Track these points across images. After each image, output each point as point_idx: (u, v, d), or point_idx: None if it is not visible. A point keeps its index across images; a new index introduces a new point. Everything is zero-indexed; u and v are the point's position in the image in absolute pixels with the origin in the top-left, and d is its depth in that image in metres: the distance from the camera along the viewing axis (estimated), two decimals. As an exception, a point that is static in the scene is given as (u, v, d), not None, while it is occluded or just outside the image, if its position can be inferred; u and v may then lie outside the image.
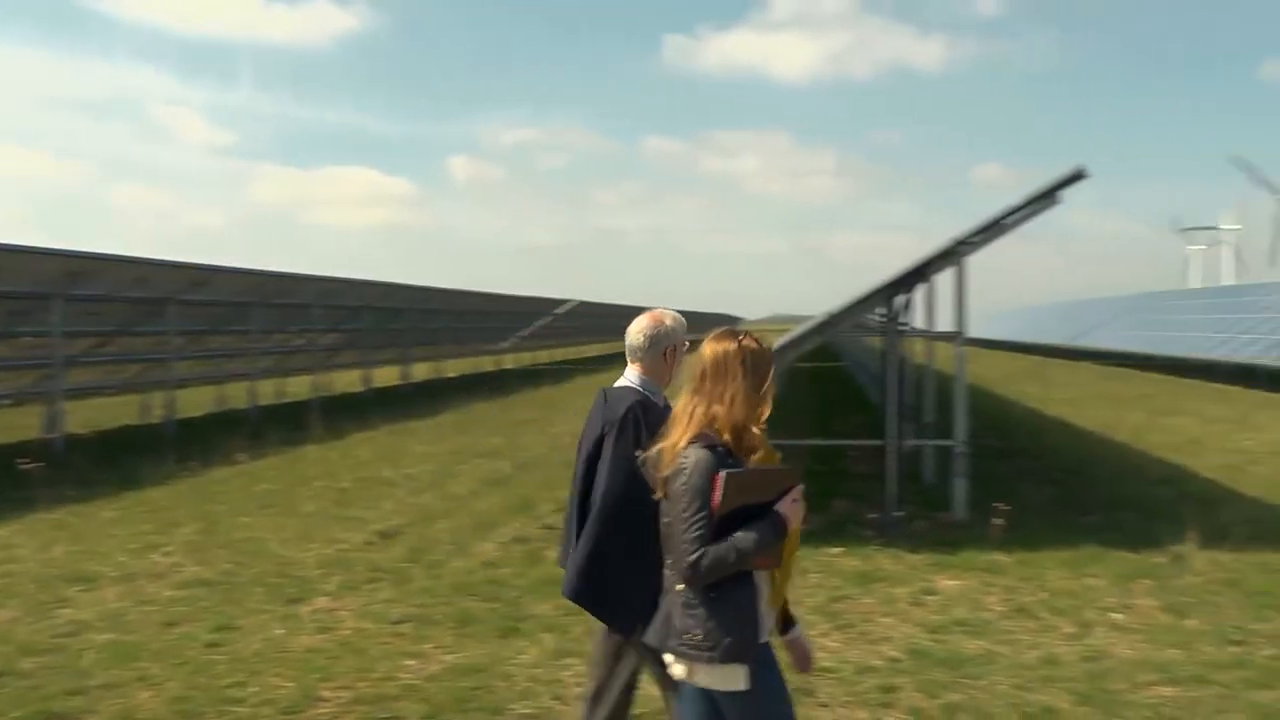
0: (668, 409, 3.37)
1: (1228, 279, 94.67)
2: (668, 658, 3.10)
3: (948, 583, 7.20)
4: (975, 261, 9.25)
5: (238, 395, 20.83)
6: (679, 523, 2.97)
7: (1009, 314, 69.73)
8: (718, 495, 2.94)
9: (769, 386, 3.14)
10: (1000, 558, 7.78)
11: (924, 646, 5.86)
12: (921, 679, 5.33)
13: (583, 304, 46.04)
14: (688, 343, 3.84)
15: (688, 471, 2.98)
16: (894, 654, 5.76)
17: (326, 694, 5.26)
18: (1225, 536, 8.05)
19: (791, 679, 5.39)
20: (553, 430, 16.65)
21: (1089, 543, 8.13)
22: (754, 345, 3.15)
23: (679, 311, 4.01)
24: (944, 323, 9.98)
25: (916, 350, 16.29)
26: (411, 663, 5.70)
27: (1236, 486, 10.89)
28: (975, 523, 8.77)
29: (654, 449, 3.11)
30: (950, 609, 6.58)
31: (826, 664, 5.55)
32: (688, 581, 2.97)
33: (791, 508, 3.07)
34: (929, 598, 6.85)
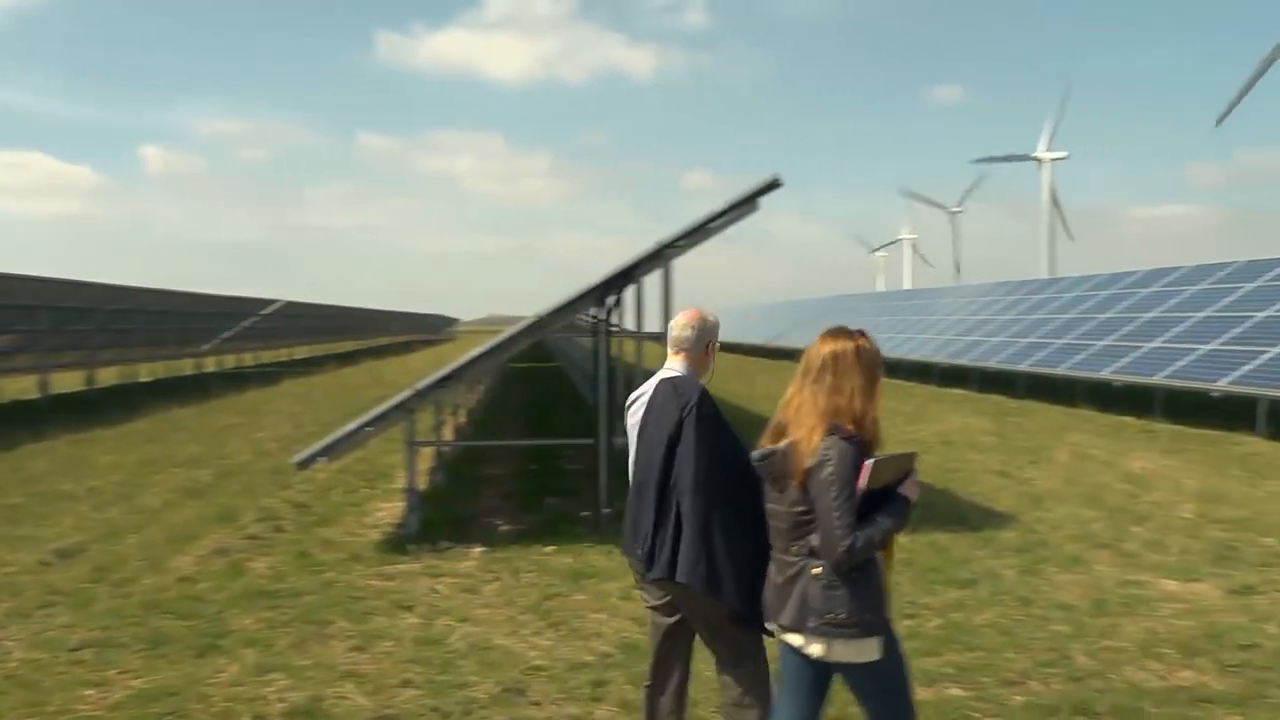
0: None
1: (907, 283, 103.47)
2: (793, 637, 3.31)
3: (656, 575, 7.43)
4: (682, 263, 9.63)
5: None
6: (828, 510, 3.18)
7: (717, 313, 72.87)
8: (863, 481, 3.19)
9: (880, 382, 3.42)
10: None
11: (635, 640, 6.00)
12: (632, 671, 5.47)
13: (291, 304, 44.11)
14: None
15: (834, 461, 3.20)
16: (606, 649, 5.88)
17: (-9, 734, 4.76)
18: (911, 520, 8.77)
19: (502, 678, 5.41)
20: (257, 435, 15.84)
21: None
22: (868, 344, 3.44)
23: (394, 312, 3.96)
24: (653, 323, 10.30)
25: (628, 350, 16.75)
26: (91, 692, 5.25)
27: (912, 474, 11.91)
28: (682, 516, 9.09)
29: (782, 442, 3.33)
30: (658, 601, 6.79)
31: (539, 662, 5.61)
32: (840, 564, 3.19)
33: (913, 489, 3.37)
34: (638, 592, 7.03)
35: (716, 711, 4.36)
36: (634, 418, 4.12)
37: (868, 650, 3.25)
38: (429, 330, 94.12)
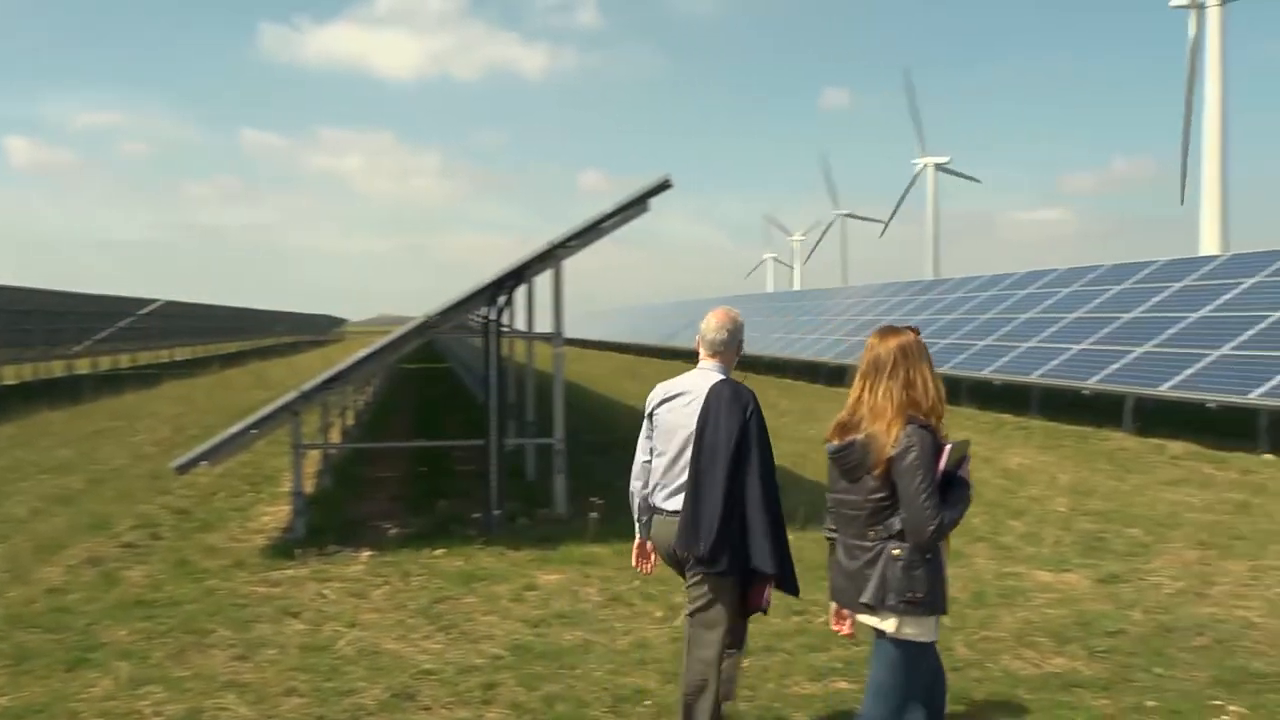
0: None
1: (797, 284, 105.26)
2: (869, 616, 3.57)
3: (548, 577, 7.42)
4: (576, 264, 9.62)
5: None
6: (916, 494, 3.43)
7: (610, 313, 73.21)
8: (943, 463, 3.48)
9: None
10: (598, 550, 8.13)
11: (525, 641, 5.99)
12: (522, 673, 5.45)
13: (171, 304, 42.68)
14: None
15: (916, 448, 3.46)
16: (496, 651, 5.84)
17: None
18: (791, 519, 8.90)
19: (391, 683, 5.32)
20: (134, 439, 15.29)
21: (677, 530, 8.69)
22: (919, 338, 3.70)
23: (281, 312, 3.91)
24: (544, 323, 10.28)
25: (519, 351, 16.66)
26: (-48, 711, 4.99)
27: (801, 472, 12.11)
28: (575, 517, 9.11)
29: (861, 434, 3.55)
30: (550, 603, 6.78)
31: (428, 666, 5.54)
32: (927, 544, 3.47)
33: (969, 473, 3.60)
34: (530, 593, 7.02)
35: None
36: (669, 412, 4.39)
37: (931, 629, 3.58)
38: (317, 331, 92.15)
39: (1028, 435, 15.71)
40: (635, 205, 8.81)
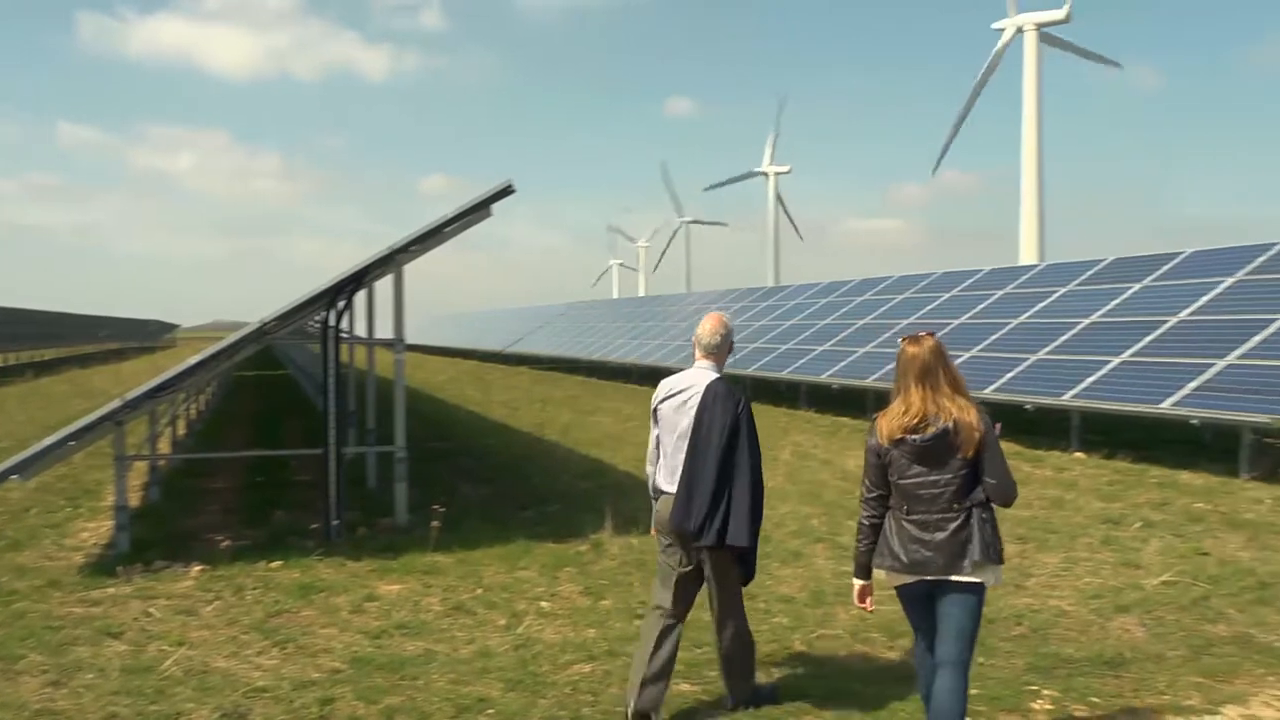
0: None
1: (642, 290, 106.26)
2: (962, 576, 4.07)
3: (389, 587, 7.27)
4: (419, 268, 9.46)
5: None
6: (1003, 464, 4.11)
7: (455, 319, 72.31)
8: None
9: None
10: (440, 558, 8.02)
11: (365, 654, 5.86)
12: (362, 686, 5.33)
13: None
14: None
15: (990, 427, 4.14)
16: (335, 665, 5.69)
17: None
18: (636, 522, 9.01)
19: (221, 703, 5.11)
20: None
21: (522, 537, 8.67)
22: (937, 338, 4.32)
23: (106, 317, 3.74)
24: (385, 329, 10.07)
25: (360, 357, 16.29)
26: None
27: (644, 477, 12.22)
28: (417, 526, 8.96)
29: (949, 422, 4.09)
30: (391, 613, 6.65)
31: (262, 684, 5.35)
32: (1009, 503, 4.15)
33: None
34: (370, 604, 6.87)
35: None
36: (671, 408, 4.91)
37: (998, 574, 4.19)
38: (146, 337, 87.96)
39: (864, 438, 16.27)
40: (477, 210, 8.74)
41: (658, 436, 5.04)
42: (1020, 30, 46.08)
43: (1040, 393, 14.46)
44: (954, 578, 4.09)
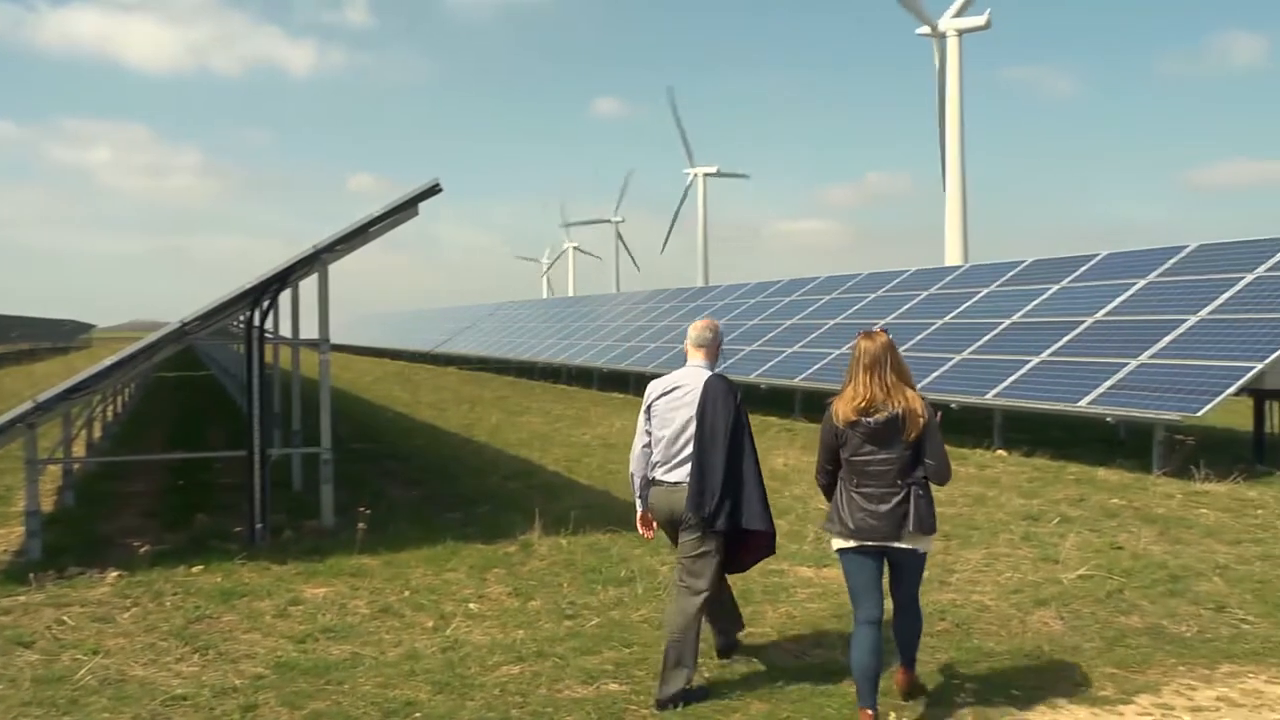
0: None
1: (570, 290, 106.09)
2: (905, 543, 4.69)
3: (314, 591, 7.16)
4: (345, 268, 9.33)
5: None
6: (942, 447, 4.74)
7: (382, 318, 71.46)
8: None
9: None
10: (367, 561, 7.92)
11: (290, 658, 5.76)
12: (286, 692, 5.24)
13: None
14: None
15: (932, 414, 4.72)
16: (258, 670, 5.59)
17: None
18: (564, 522, 8.99)
19: (138, 712, 5.00)
20: None
21: (449, 538, 8.59)
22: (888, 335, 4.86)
23: (16, 316, 3.65)
24: (310, 329, 9.92)
25: (285, 358, 16.02)
26: None
27: (574, 476, 12.23)
28: (343, 528, 8.84)
29: (900, 409, 4.64)
30: (317, 617, 6.55)
31: (181, 691, 5.23)
32: (944, 483, 4.80)
33: None
34: (295, 608, 6.76)
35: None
36: (667, 403, 5.28)
37: (930, 542, 4.82)
38: (60, 337, 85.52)
39: (792, 437, 16.44)
40: (404, 209, 8.65)
41: (648, 432, 5.34)
42: (943, 34, 46.90)
43: (964, 392, 14.74)
44: (897, 544, 4.70)
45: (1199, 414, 11.37)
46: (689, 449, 5.14)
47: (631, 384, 25.98)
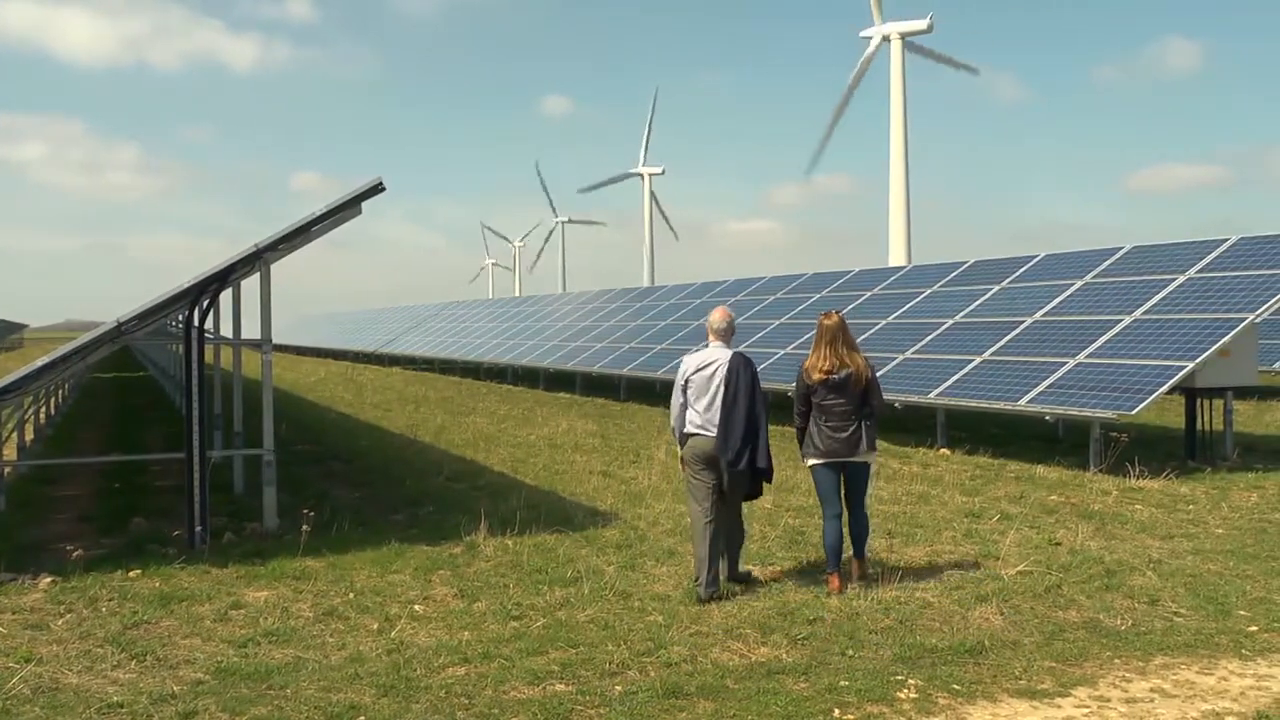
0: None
1: (518, 290, 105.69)
2: (860, 459, 6.98)
3: (256, 594, 7.07)
4: (288, 267, 9.21)
5: None
6: (880, 393, 7.11)
7: (326, 318, 70.63)
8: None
9: None
10: (310, 563, 7.83)
11: (230, 663, 5.68)
12: (226, 698, 5.16)
13: None
14: None
15: (874, 374, 7.02)
16: (197, 676, 5.50)
17: None
18: (510, 523, 8.95)
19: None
20: None
21: (394, 540, 8.53)
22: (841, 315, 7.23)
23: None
24: (252, 329, 9.77)
25: (226, 359, 15.78)
26: None
27: (520, 477, 12.18)
28: (286, 530, 8.73)
29: (849, 368, 6.92)
30: (259, 621, 6.46)
31: (117, 699, 5.13)
32: (882, 414, 7.17)
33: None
34: (236, 612, 6.66)
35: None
36: (703, 377, 6.95)
37: (874, 456, 7.11)
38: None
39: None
40: (347, 207, 8.57)
41: (684, 396, 7.02)
42: (886, 39, 47.45)
43: (908, 391, 14.92)
44: (852, 459, 6.94)
45: (1133, 412, 11.62)
46: (718, 410, 6.82)
47: (578, 384, 25.94)
